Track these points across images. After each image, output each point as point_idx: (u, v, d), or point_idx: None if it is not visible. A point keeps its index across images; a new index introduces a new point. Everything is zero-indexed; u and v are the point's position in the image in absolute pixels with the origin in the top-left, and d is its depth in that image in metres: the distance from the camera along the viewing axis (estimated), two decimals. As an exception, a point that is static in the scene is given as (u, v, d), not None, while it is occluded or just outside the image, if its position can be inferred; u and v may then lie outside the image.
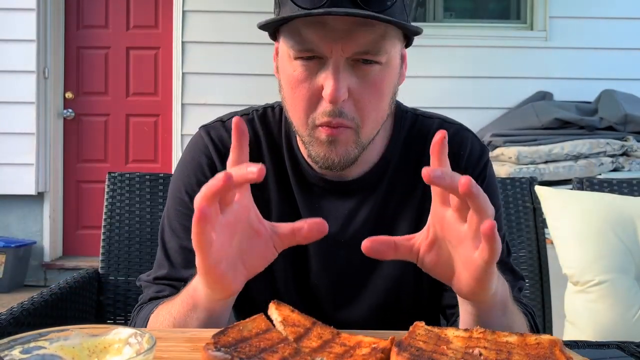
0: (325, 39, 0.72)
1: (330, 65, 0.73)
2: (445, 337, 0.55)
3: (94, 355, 0.51)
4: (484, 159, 0.91)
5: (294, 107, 0.79)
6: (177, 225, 0.88)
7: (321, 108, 0.76)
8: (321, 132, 0.77)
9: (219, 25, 3.96)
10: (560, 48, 3.95)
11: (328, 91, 0.72)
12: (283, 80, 0.80)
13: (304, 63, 0.75)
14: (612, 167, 3.09)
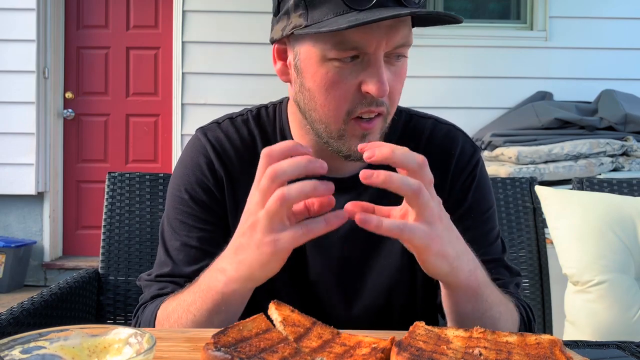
0: (372, 38, 0.73)
1: (374, 61, 0.75)
2: (445, 337, 0.55)
3: (94, 355, 0.51)
4: (475, 158, 0.93)
5: (325, 106, 0.79)
6: (177, 223, 0.90)
7: (359, 101, 0.78)
8: (356, 127, 0.79)
9: (219, 25, 3.96)
10: (560, 48, 3.95)
11: (375, 86, 0.75)
12: (311, 82, 0.79)
13: (339, 63, 0.76)
14: (612, 167, 3.09)
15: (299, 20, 0.76)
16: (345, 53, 0.75)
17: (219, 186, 0.90)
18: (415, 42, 0.88)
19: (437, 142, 0.92)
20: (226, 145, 0.91)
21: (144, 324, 0.85)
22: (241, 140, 0.91)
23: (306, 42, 0.78)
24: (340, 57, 0.75)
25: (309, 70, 0.79)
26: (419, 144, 0.92)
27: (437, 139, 0.93)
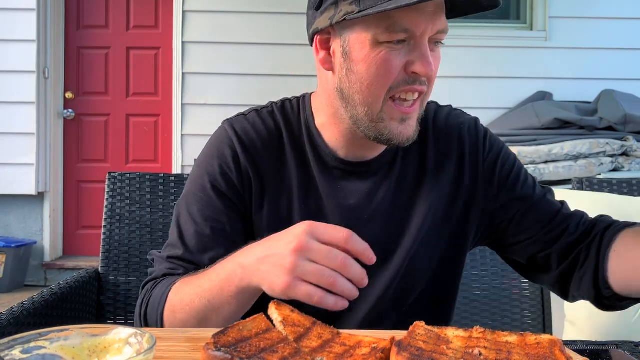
0: (420, 21, 0.79)
1: (421, 43, 0.81)
2: (445, 337, 0.55)
3: (94, 355, 0.51)
4: (481, 128, 1.00)
5: (373, 86, 0.83)
6: (194, 210, 0.91)
7: (405, 80, 0.83)
8: (395, 110, 0.84)
9: (219, 25, 3.96)
10: (560, 48, 3.95)
11: (423, 65, 0.81)
12: (360, 65, 0.84)
13: (389, 46, 0.81)
14: (611, 167, 3.09)
15: (350, 8, 0.81)
16: (395, 36, 0.80)
17: (242, 179, 0.92)
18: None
19: (442, 122, 0.98)
20: (253, 136, 0.93)
21: (154, 300, 0.86)
22: (268, 131, 0.94)
23: (357, 28, 0.82)
24: (390, 40, 0.80)
25: (359, 54, 0.83)
26: (427, 128, 0.97)
27: (442, 120, 0.99)
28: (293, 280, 0.66)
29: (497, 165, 0.96)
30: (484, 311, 1.35)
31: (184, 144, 3.98)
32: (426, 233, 0.93)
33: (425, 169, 0.95)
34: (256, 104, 1.01)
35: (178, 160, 3.99)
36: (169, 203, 1.34)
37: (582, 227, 0.91)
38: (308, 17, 0.90)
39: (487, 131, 1.00)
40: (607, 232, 0.87)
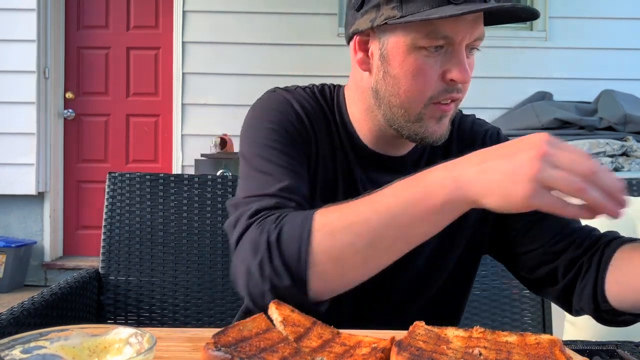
0: (460, 29, 0.80)
1: (458, 50, 0.82)
2: (445, 337, 0.55)
3: (95, 355, 0.51)
4: (503, 136, 1.02)
5: (410, 91, 0.85)
6: (276, 155, 0.85)
7: (442, 88, 0.84)
8: (435, 110, 0.85)
9: (219, 25, 3.96)
10: (560, 48, 3.95)
11: (460, 74, 0.83)
12: (398, 69, 0.85)
13: (427, 52, 0.82)
14: (611, 167, 3.09)
15: (392, 12, 0.82)
16: (435, 42, 0.81)
17: (308, 133, 0.91)
18: (415, 42, 0.90)
19: (467, 130, 1.00)
20: (307, 107, 0.94)
21: (294, 222, 0.72)
22: (317, 107, 0.95)
23: (397, 32, 0.83)
24: (428, 46, 0.81)
25: (397, 59, 0.84)
26: (451, 133, 0.98)
27: (467, 125, 1.01)
28: (537, 188, 0.60)
29: None
30: (484, 311, 1.35)
31: (184, 144, 3.99)
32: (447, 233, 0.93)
33: None
34: (256, 104, 1.01)
35: (178, 160, 3.99)
36: (169, 203, 1.34)
37: (588, 241, 0.91)
38: (347, 17, 0.91)
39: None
40: (609, 245, 0.86)
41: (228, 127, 3.81)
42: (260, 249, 0.71)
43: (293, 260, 0.70)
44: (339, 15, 3.98)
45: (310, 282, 0.70)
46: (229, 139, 3.65)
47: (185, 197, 1.34)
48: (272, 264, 0.70)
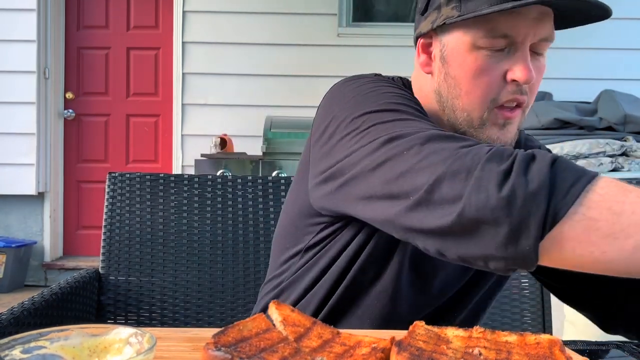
0: (520, 27, 0.77)
1: (521, 50, 0.78)
2: (445, 337, 0.55)
3: (95, 355, 0.51)
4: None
5: (471, 94, 0.82)
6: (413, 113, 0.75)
7: (505, 89, 0.81)
8: (498, 116, 0.82)
9: (219, 25, 3.96)
10: (560, 48, 3.95)
11: (522, 73, 0.78)
12: (458, 70, 0.82)
13: (488, 52, 0.79)
14: (611, 167, 3.09)
15: (451, 12, 0.80)
16: (495, 41, 0.78)
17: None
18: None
19: (521, 142, 0.99)
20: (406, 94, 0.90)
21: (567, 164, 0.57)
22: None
23: (456, 32, 0.81)
24: (489, 46, 0.79)
25: (457, 59, 0.82)
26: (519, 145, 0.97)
27: (521, 140, 1.00)
28: None
29: None
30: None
31: (184, 144, 3.99)
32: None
33: None
34: (256, 104, 1.01)
35: (178, 160, 3.99)
36: (169, 203, 1.34)
37: None
38: (415, 22, 0.90)
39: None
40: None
41: (228, 127, 3.81)
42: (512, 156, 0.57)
43: (563, 182, 0.54)
44: (339, 15, 3.98)
45: (563, 220, 0.54)
46: (229, 139, 3.65)
47: (185, 197, 1.34)
48: (526, 171, 0.55)
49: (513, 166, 0.56)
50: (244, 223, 1.34)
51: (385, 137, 0.67)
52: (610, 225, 0.53)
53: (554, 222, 0.54)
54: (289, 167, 3.25)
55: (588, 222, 0.54)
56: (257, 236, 1.33)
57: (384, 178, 0.65)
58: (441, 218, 0.59)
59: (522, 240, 0.55)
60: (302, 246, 0.90)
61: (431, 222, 0.60)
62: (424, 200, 0.61)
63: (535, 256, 0.55)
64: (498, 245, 0.56)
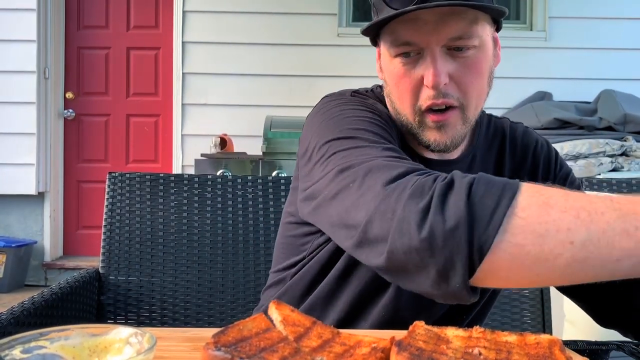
0: (420, 33, 0.78)
1: (428, 55, 0.79)
2: (445, 337, 0.55)
3: (95, 354, 0.51)
4: (552, 148, 1.00)
5: (400, 99, 0.84)
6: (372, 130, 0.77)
7: (424, 94, 0.81)
8: (429, 119, 0.83)
9: (219, 25, 3.96)
10: (560, 48, 3.95)
11: (430, 78, 0.78)
12: (387, 78, 0.86)
13: (402, 59, 0.81)
14: (611, 167, 3.09)
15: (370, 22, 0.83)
16: (401, 48, 0.80)
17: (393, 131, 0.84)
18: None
19: (518, 140, 0.98)
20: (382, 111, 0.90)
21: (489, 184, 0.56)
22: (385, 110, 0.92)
23: (382, 44, 0.85)
24: (400, 53, 0.80)
25: (386, 68, 0.86)
26: (504, 142, 0.97)
27: (518, 135, 0.99)
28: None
29: (567, 183, 0.97)
30: (484, 311, 1.35)
31: (184, 144, 3.99)
32: None
33: (502, 174, 0.95)
34: (256, 104, 1.01)
35: (178, 160, 3.99)
36: (169, 203, 1.34)
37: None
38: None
39: (558, 153, 1.01)
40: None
41: (228, 127, 3.81)
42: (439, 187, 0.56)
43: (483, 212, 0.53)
44: (339, 15, 3.98)
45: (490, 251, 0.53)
46: (229, 139, 3.65)
47: (185, 197, 1.34)
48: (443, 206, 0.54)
49: (431, 202, 0.56)
50: (244, 223, 1.34)
51: (339, 168, 0.69)
52: (538, 248, 0.52)
53: (482, 257, 0.53)
54: (289, 167, 3.25)
55: (515, 249, 0.53)
56: (257, 236, 1.33)
57: (339, 209, 0.67)
58: (377, 257, 0.60)
59: (452, 280, 0.55)
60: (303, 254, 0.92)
61: (372, 259, 0.62)
62: (363, 238, 0.62)
63: (468, 293, 0.55)
64: (432, 284, 0.56)
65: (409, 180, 0.61)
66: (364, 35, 0.86)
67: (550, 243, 0.52)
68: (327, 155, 0.74)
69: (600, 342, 0.70)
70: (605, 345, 0.68)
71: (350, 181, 0.66)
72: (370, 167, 0.66)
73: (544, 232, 0.52)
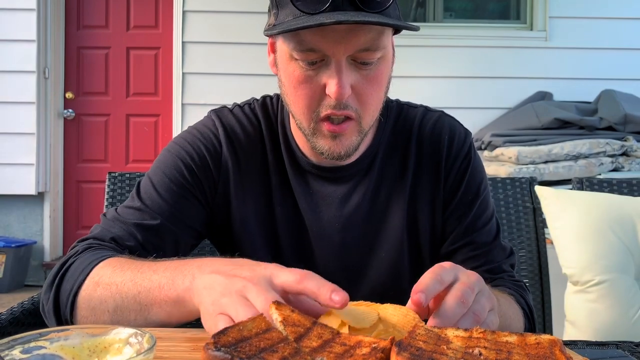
0: (327, 41, 0.74)
1: (333, 65, 0.76)
2: (445, 337, 0.55)
3: (94, 355, 0.51)
4: (467, 144, 0.94)
5: (296, 103, 0.81)
6: (161, 183, 0.89)
7: (325, 102, 0.79)
8: (325, 128, 0.80)
9: (219, 25, 3.96)
10: (560, 48, 3.95)
11: (333, 89, 0.75)
12: (284, 77, 0.82)
13: (304, 64, 0.77)
14: (611, 167, 3.09)
15: (272, 19, 0.79)
16: (305, 55, 0.76)
17: (220, 170, 0.90)
18: (415, 42, 0.90)
19: (427, 130, 0.94)
20: (238, 132, 0.92)
21: (77, 268, 0.77)
22: (252, 128, 0.93)
23: (280, 40, 0.80)
24: (302, 58, 0.77)
25: (282, 67, 0.82)
26: (410, 135, 0.94)
27: (428, 127, 0.94)
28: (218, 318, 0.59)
29: (465, 181, 0.93)
30: (484, 311, 1.35)
31: (184, 144, 3.98)
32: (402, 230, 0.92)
33: (404, 175, 0.92)
34: (257, 103, 1.01)
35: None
36: (169, 203, 1.34)
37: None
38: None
39: (473, 149, 0.96)
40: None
41: (228, 127, 3.81)
42: (53, 272, 0.79)
43: (64, 297, 0.76)
44: (339, 15, 3.97)
45: (72, 319, 0.75)
46: (229, 139, 3.65)
47: (185, 197, 1.34)
48: (50, 291, 0.77)
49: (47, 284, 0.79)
50: (244, 223, 1.33)
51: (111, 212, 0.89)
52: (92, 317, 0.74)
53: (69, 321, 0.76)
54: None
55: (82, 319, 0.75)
56: (257, 236, 1.33)
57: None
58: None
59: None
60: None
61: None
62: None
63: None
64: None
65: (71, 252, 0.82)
66: (267, 36, 0.83)
67: (97, 313, 0.73)
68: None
69: (600, 342, 0.70)
70: (605, 345, 0.68)
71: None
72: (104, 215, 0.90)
73: (93, 305, 0.73)
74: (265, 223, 0.92)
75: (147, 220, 0.86)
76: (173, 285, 0.67)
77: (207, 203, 0.91)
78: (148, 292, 0.69)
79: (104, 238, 0.84)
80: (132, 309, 0.70)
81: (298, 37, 0.75)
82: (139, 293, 0.70)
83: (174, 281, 0.67)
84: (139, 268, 0.72)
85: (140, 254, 0.81)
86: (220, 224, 0.93)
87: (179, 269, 0.68)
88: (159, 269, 0.70)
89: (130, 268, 0.73)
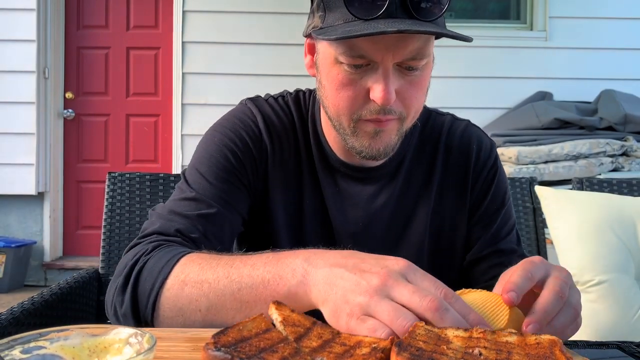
0: (378, 48, 0.75)
1: (380, 70, 0.76)
2: (445, 337, 0.55)
3: (94, 355, 0.51)
4: (493, 153, 0.98)
5: (336, 105, 0.82)
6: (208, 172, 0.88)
7: (368, 106, 0.79)
8: (368, 125, 0.81)
9: (219, 25, 3.96)
10: (560, 48, 3.95)
11: (379, 95, 0.76)
12: (325, 80, 0.82)
13: (349, 68, 0.78)
14: (611, 167, 3.09)
15: (318, 21, 0.79)
16: (353, 60, 0.76)
17: (261, 156, 0.90)
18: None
19: (455, 139, 0.96)
20: (274, 120, 0.93)
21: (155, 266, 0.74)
22: (287, 120, 0.94)
23: (324, 42, 0.80)
24: (349, 62, 0.77)
25: (325, 69, 0.82)
26: (438, 142, 0.95)
27: (456, 136, 0.96)
28: (360, 317, 0.56)
29: (491, 191, 0.95)
30: (484, 311, 1.35)
31: (184, 144, 3.99)
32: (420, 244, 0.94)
33: (431, 180, 0.94)
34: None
35: (178, 160, 3.99)
36: (169, 203, 1.34)
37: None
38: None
39: (499, 160, 0.99)
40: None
41: (228, 127, 3.81)
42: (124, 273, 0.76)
43: (143, 298, 0.73)
44: (339, 15, 3.98)
45: (153, 320, 0.73)
46: (229, 139, 3.65)
47: (185, 197, 1.34)
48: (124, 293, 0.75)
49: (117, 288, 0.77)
50: (244, 223, 1.34)
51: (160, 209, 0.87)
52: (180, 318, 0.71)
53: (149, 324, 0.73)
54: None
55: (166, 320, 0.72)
56: (257, 236, 1.33)
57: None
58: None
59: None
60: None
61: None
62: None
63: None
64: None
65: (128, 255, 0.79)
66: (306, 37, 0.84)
67: (186, 313, 0.70)
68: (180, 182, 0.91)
69: (600, 342, 0.70)
70: (605, 345, 0.68)
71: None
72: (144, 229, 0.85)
73: (181, 305, 0.70)
74: (293, 215, 0.92)
75: (205, 209, 0.84)
76: (281, 280, 0.64)
77: (251, 188, 0.90)
78: (250, 288, 0.66)
79: (168, 231, 0.81)
80: (231, 307, 0.67)
81: (349, 43, 0.75)
82: (239, 290, 0.66)
83: (282, 276, 0.64)
84: (231, 264, 0.69)
85: (205, 246, 0.79)
86: (256, 210, 0.92)
87: (283, 262, 0.65)
88: (257, 264, 0.67)
89: (220, 264, 0.69)
